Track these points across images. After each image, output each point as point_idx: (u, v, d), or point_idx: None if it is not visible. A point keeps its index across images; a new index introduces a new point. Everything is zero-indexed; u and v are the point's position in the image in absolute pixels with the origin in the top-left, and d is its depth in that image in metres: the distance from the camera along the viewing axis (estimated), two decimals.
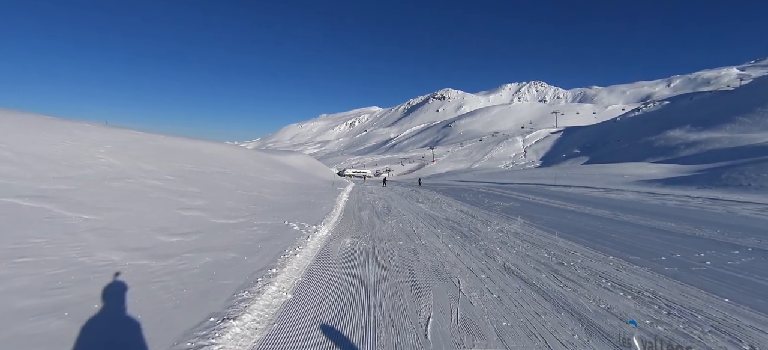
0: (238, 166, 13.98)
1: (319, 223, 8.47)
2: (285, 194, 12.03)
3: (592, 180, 34.20)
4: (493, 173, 66.70)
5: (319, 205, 11.14)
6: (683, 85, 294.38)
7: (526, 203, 14.90)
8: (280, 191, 12.39)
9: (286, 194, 12.40)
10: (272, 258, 5.54)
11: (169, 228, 6.31)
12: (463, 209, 12.63)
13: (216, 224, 7.16)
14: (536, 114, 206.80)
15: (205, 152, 13.60)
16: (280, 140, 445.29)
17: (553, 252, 6.41)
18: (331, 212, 10.23)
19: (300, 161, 30.04)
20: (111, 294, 3.62)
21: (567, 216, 10.99)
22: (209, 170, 11.06)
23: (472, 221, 10.09)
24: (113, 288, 3.77)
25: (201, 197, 8.49)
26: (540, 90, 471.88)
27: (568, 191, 21.41)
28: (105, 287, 3.76)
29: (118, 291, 3.71)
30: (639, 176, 36.94)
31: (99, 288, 3.71)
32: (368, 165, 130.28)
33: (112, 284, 3.86)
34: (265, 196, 10.60)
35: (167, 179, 8.94)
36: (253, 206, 9.19)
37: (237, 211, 8.36)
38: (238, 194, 9.97)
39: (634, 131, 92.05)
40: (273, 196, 11.01)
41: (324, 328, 3.54)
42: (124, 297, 3.62)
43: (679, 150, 65.44)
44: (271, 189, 12.28)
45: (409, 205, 13.99)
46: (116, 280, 3.96)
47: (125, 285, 3.86)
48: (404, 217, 10.64)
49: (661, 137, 75.98)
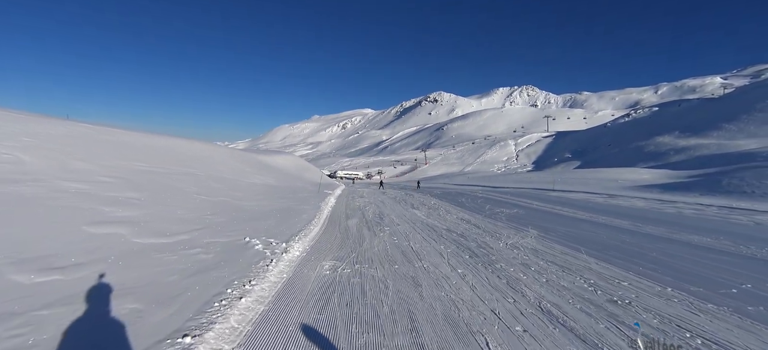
0: (211, 166, 12.43)
1: (293, 238, 6.95)
2: (262, 199, 10.51)
3: (589, 185, 33.25)
4: (486, 176, 65.69)
5: (299, 212, 9.66)
6: (670, 93, 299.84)
7: (531, 210, 13.59)
8: (257, 196, 10.85)
9: (264, 198, 10.86)
10: (198, 309, 3.62)
11: (46, 257, 4.31)
12: (464, 217, 11.26)
13: (139, 245, 5.28)
14: (528, 118, 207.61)
15: (173, 150, 11.95)
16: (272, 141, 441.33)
17: (591, 281, 5.02)
18: (313, 222, 8.78)
19: (287, 162, 28.46)
20: None
21: (582, 227, 9.67)
22: (168, 171, 9.43)
23: (478, 232, 8.68)
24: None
25: (138, 206, 6.78)
26: (531, 95, 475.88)
27: (570, 197, 20.21)
28: None
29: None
30: (633, 181, 36.33)
31: None
32: (360, 167, 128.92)
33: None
34: (236, 202, 9.06)
35: (100, 181, 7.28)
36: (210, 216, 7.54)
37: (184, 223, 6.68)
38: (197, 200, 8.44)
39: (624, 136, 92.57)
40: (246, 201, 9.47)
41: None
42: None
43: (668, 156, 65.81)
44: (247, 193, 10.72)
45: (404, 211, 12.59)
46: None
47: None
48: (399, 227, 9.20)
49: (650, 143, 76.53)
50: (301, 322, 3.68)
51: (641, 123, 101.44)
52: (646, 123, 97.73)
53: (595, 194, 22.93)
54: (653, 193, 24.37)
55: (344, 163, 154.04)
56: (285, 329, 3.52)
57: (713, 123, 70.77)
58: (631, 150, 78.22)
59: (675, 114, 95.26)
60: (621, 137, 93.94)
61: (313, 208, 10.84)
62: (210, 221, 7.18)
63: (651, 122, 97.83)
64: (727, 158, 48.12)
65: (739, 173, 28.02)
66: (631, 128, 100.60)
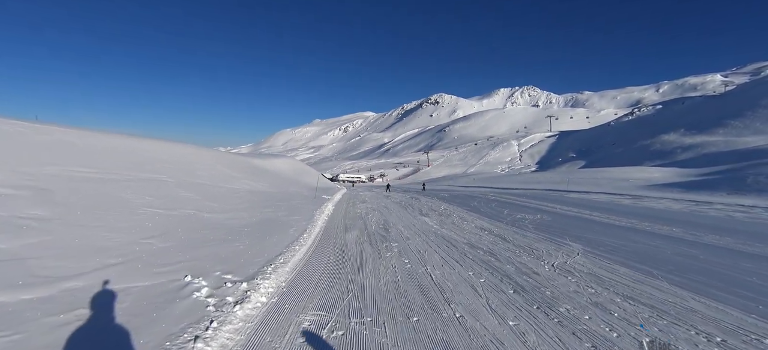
0: (188, 171, 10.70)
1: (262, 272, 4.92)
2: (242, 210, 8.76)
3: (600, 185, 31.61)
4: (491, 177, 63.98)
5: (285, 226, 7.92)
6: (671, 91, 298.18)
7: (556, 215, 11.84)
8: (238, 206, 9.11)
9: (246, 208, 9.12)
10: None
11: None
12: (484, 226, 9.51)
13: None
14: (530, 118, 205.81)
15: (134, 153, 10.11)
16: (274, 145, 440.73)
17: (715, 336, 3.31)
18: (300, 240, 7.06)
19: (284, 166, 26.79)
20: None
21: (631, 237, 7.92)
22: (118, 178, 7.60)
23: (509, 248, 6.90)
24: None
25: (38, 230, 4.61)
26: (533, 95, 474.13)
27: (591, 198, 18.46)
28: None
29: None
30: (645, 180, 34.84)
31: None
32: (362, 170, 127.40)
33: None
34: (205, 215, 7.28)
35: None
36: (151, 240, 5.41)
37: (100, 254, 4.50)
38: (144, 215, 6.36)
39: (628, 135, 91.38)
40: (219, 214, 7.72)
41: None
42: None
43: (675, 154, 64.75)
44: (225, 203, 8.93)
45: (412, 220, 10.86)
46: None
47: None
48: (410, 243, 7.45)
49: (656, 141, 75.64)
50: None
51: (645, 121, 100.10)
52: (651, 121, 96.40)
53: (616, 194, 21.18)
54: (675, 192, 22.61)
55: (346, 166, 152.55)
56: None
57: (718, 120, 69.90)
58: (636, 149, 77.03)
59: (679, 112, 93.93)
60: (625, 135, 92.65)
61: (305, 219, 9.09)
62: (146, 249, 5.07)
63: (655, 120, 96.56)
64: (737, 155, 46.57)
65: (757, 170, 26.48)
66: (635, 126, 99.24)
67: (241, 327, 3.42)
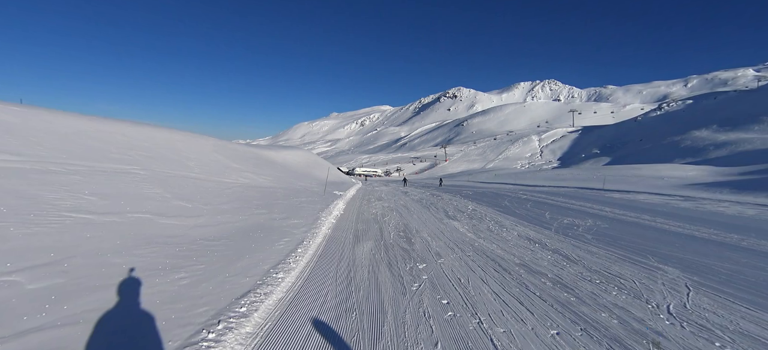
0: (170, 161, 9.00)
1: None
2: (226, 212, 6.90)
3: (632, 183, 29.09)
4: (513, 173, 61.31)
5: (276, 236, 6.10)
6: (700, 86, 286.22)
7: (612, 221, 9.75)
8: (221, 205, 7.26)
9: (232, 210, 7.26)
10: None
11: None
12: (529, 235, 7.56)
13: None
14: (552, 113, 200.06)
15: (105, 138, 8.39)
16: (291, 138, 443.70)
17: None
18: (289, 262, 5.08)
19: (296, 158, 25.19)
20: None
21: (733, 258, 5.87)
22: (55, 169, 5.90)
23: (582, 275, 4.94)
24: None
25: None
26: (554, 89, 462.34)
27: (639, 199, 16.19)
28: None
29: None
30: (680, 178, 32.20)
31: None
32: (379, 164, 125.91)
33: None
34: (160, 220, 5.48)
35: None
36: (13, 276, 3.29)
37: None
38: (55, 223, 4.45)
39: (656, 131, 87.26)
40: (187, 218, 5.95)
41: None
42: None
43: (708, 151, 61.23)
44: (205, 203, 6.96)
45: (438, 224, 8.99)
46: None
47: None
48: (443, 263, 5.54)
49: (687, 138, 71.87)
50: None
51: (674, 117, 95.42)
52: (680, 117, 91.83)
53: (662, 194, 18.80)
54: (726, 193, 20.00)
55: (363, 160, 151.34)
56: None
57: (754, 116, 66.08)
58: (665, 146, 73.39)
59: (711, 107, 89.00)
60: (653, 131, 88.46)
61: (305, 223, 7.27)
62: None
63: (685, 115, 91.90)
64: None
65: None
66: (663, 122, 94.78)
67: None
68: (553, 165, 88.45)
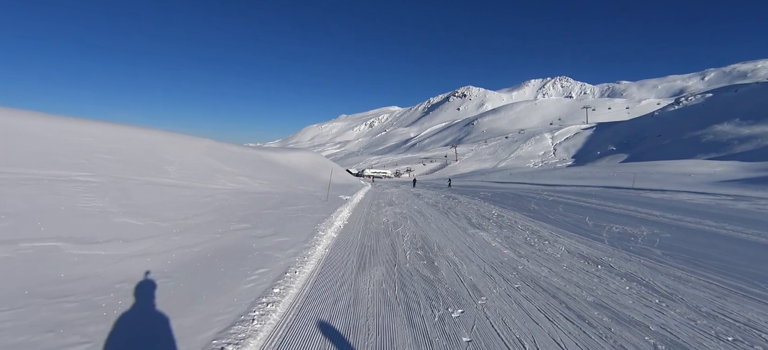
0: (142, 166, 7.50)
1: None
2: (191, 228, 5.26)
3: (657, 181, 27.24)
4: (527, 172, 59.25)
5: (249, 267, 4.45)
6: (718, 79, 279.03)
7: (672, 228, 8.04)
8: (188, 220, 5.63)
9: (202, 225, 5.61)
10: None
11: None
12: (582, 252, 5.90)
13: None
14: (564, 110, 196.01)
15: (49, 139, 6.83)
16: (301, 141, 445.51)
17: None
18: (256, 310, 3.46)
19: (301, 160, 23.77)
20: None
21: None
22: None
23: (691, 320, 3.36)
24: None
25: None
26: (565, 86, 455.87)
27: (682, 200, 14.35)
28: None
29: None
30: (708, 175, 30.21)
31: None
32: (388, 165, 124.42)
33: None
34: (71, 252, 3.80)
35: None
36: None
37: None
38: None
39: (675, 126, 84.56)
40: (124, 244, 4.30)
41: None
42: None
43: (732, 146, 58.93)
44: (165, 218, 5.24)
45: (463, 236, 7.39)
46: None
47: None
48: (487, 305, 3.90)
49: (708, 132, 69.47)
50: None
51: (694, 111, 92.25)
52: (700, 111, 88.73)
53: (707, 194, 16.84)
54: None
55: (372, 161, 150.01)
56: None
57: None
58: (685, 141, 71.00)
59: (732, 100, 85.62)
60: (672, 126, 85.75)
61: (296, 242, 5.68)
62: None
63: (705, 109, 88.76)
64: None
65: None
66: (682, 116, 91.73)
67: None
68: (568, 163, 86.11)
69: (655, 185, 23.19)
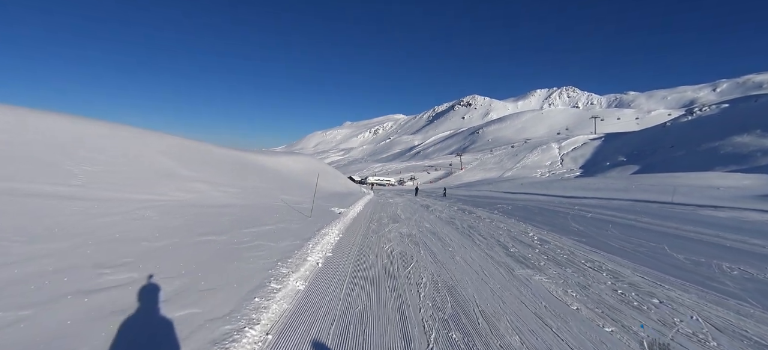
0: (45, 167, 5.11)
1: None
2: (50, 276, 3.02)
3: (685, 195, 24.38)
4: (540, 182, 56.40)
5: None
6: (731, 90, 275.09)
7: None
8: (71, 259, 3.36)
9: (86, 267, 3.33)
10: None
11: None
12: (731, 324, 3.39)
13: None
14: (571, 120, 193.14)
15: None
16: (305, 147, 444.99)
17: None
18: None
19: (295, 165, 21.30)
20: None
21: None
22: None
23: None
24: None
25: None
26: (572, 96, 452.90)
27: (742, 218, 11.76)
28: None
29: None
30: (740, 188, 27.40)
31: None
32: (392, 173, 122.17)
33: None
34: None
35: None
36: None
37: None
38: None
39: (689, 137, 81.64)
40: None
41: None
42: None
43: (755, 158, 56.13)
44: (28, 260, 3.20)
45: (508, 280, 4.73)
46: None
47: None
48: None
49: (727, 144, 66.56)
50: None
51: (709, 122, 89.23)
52: (716, 122, 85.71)
53: (754, 210, 14.20)
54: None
55: (376, 168, 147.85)
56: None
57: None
58: (701, 152, 68.14)
59: (751, 110, 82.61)
60: (685, 138, 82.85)
61: (212, 318, 3.24)
62: None
63: (722, 120, 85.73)
64: None
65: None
66: (696, 127, 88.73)
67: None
68: (576, 174, 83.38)
69: (693, 201, 20.50)
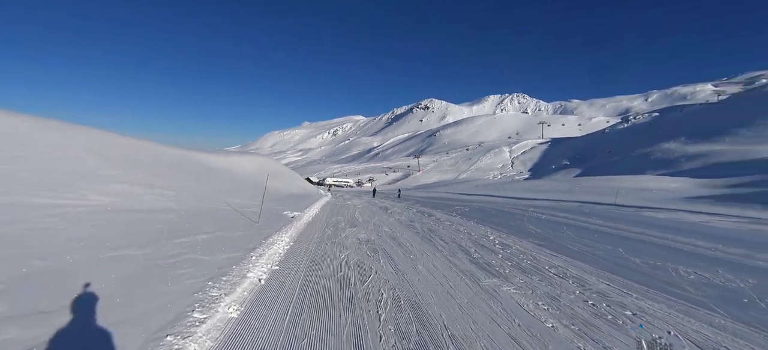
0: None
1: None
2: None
3: (623, 197, 26.01)
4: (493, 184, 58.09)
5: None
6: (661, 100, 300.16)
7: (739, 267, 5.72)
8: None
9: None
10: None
11: None
12: (708, 339, 3.26)
13: None
14: (521, 125, 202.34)
15: None
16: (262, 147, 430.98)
17: None
18: None
19: (247, 165, 20.14)
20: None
21: None
22: None
23: None
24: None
25: None
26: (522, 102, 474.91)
27: (678, 219, 12.52)
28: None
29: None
30: (670, 191, 29.87)
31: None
32: (351, 174, 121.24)
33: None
34: None
35: None
36: None
37: None
38: None
39: (625, 143, 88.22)
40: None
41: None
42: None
43: (679, 163, 61.18)
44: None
45: (475, 292, 4.33)
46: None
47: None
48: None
49: (656, 149, 72.36)
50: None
51: (641, 129, 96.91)
52: (647, 130, 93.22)
53: (686, 211, 15.28)
54: (752, 210, 16.73)
55: (334, 170, 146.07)
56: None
57: (724, 128, 67.20)
58: (635, 157, 73.55)
59: (678, 120, 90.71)
60: (621, 143, 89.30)
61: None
62: None
63: (652, 128, 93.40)
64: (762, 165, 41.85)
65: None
66: (631, 134, 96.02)
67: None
68: (525, 176, 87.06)
69: (630, 202, 21.81)
